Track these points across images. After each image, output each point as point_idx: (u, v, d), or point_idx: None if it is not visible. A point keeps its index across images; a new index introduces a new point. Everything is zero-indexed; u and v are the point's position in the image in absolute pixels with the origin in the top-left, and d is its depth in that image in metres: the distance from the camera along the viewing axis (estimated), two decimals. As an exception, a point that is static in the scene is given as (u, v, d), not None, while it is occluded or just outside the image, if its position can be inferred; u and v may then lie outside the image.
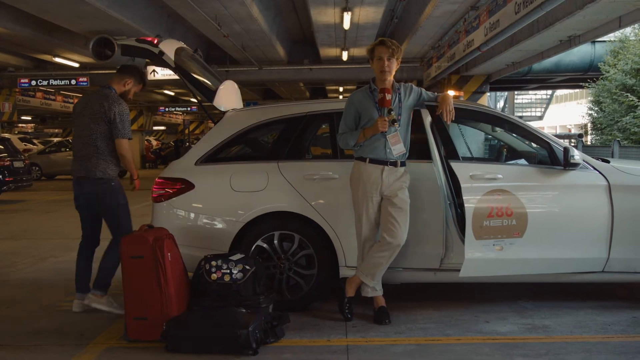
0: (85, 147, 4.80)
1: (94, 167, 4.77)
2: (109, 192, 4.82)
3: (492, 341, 4.05)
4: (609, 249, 4.51)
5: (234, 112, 5.14)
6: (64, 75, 21.07)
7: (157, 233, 4.20)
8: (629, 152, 12.23)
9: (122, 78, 5.01)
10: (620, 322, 4.39)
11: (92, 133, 4.77)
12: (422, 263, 4.61)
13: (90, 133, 4.77)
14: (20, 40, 16.49)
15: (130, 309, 4.09)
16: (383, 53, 4.40)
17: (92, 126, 4.77)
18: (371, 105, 4.42)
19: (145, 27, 13.66)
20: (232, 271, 4.17)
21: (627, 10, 9.56)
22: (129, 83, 5.03)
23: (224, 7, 12.87)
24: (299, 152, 5.03)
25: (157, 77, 18.86)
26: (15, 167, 14.02)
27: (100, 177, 4.77)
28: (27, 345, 4.11)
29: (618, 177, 4.60)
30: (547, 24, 10.55)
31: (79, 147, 4.84)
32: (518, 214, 4.42)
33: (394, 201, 4.35)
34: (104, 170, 4.78)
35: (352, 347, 3.98)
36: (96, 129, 4.77)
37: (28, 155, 19.36)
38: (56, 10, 12.31)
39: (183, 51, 5.22)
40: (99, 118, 4.76)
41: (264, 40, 16.60)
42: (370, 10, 13.87)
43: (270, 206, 4.68)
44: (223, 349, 3.84)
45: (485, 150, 13.98)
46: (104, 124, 4.76)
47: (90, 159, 4.78)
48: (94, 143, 4.77)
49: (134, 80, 5.05)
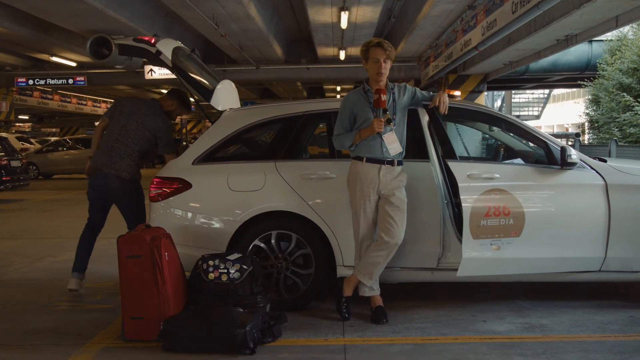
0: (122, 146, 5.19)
1: (125, 167, 5.15)
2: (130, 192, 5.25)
3: (489, 340, 4.05)
4: (606, 248, 4.52)
5: (231, 112, 5.13)
6: (61, 75, 21.07)
7: (154, 232, 4.19)
8: (626, 152, 12.25)
9: (169, 99, 5.48)
10: (617, 321, 4.39)
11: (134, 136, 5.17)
12: (420, 262, 4.61)
13: (131, 135, 5.17)
14: (18, 40, 16.48)
15: (128, 309, 4.08)
16: (380, 55, 4.39)
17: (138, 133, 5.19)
18: (366, 106, 4.42)
19: (143, 27, 13.66)
20: (230, 271, 4.16)
21: (624, 9, 9.56)
22: (172, 105, 5.46)
23: (221, 6, 12.88)
24: (297, 152, 5.04)
25: (154, 77, 18.86)
26: (12, 167, 13.98)
27: (128, 179, 5.16)
28: (23, 345, 4.10)
29: (615, 177, 4.60)
30: (544, 23, 10.56)
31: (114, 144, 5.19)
32: (515, 214, 4.42)
33: (392, 200, 4.36)
34: (132, 171, 5.19)
35: (350, 346, 3.98)
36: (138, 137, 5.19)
37: (25, 154, 19.33)
38: (53, 9, 12.29)
39: (180, 50, 5.21)
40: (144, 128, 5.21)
41: (262, 39, 16.60)
42: (367, 9, 13.89)
43: (267, 205, 4.68)
44: (220, 348, 3.83)
45: (483, 150, 13.99)
46: (148, 134, 5.21)
47: (123, 158, 5.15)
48: (132, 145, 5.18)
49: (177, 103, 5.47)
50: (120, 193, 5.21)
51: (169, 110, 5.43)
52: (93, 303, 5.12)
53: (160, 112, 5.32)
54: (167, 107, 5.42)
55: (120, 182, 5.15)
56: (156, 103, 5.40)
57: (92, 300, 5.21)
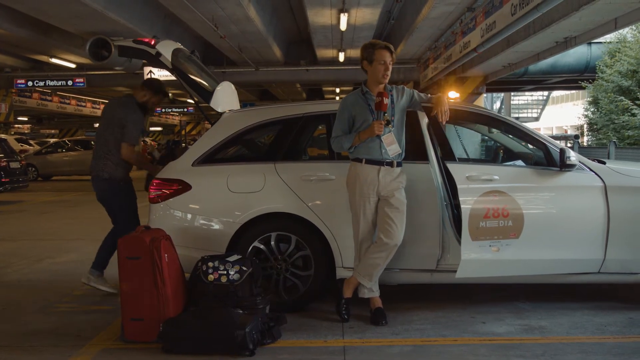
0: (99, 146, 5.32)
1: (102, 167, 5.22)
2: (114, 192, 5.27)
3: (488, 342, 4.06)
4: (605, 250, 4.52)
5: (231, 113, 5.14)
6: (61, 76, 21.07)
7: (154, 234, 4.19)
8: (625, 154, 12.26)
9: (142, 89, 5.43)
10: (616, 323, 4.40)
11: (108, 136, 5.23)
12: (419, 264, 4.61)
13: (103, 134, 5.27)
14: (17, 41, 16.48)
15: (127, 310, 4.08)
16: (387, 58, 4.42)
17: (109, 129, 5.24)
18: (365, 108, 4.43)
19: (142, 28, 13.66)
20: (229, 272, 4.16)
21: (623, 11, 9.58)
22: (145, 95, 5.40)
23: (220, 8, 12.89)
24: (296, 153, 5.04)
25: (154, 78, 18.82)
26: (11, 168, 13.96)
27: (107, 178, 5.21)
28: (23, 346, 4.10)
29: (614, 179, 4.61)
30: (543, 25, 10.57)
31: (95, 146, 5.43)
32: (514, 215, 4.43)
33: (391, 201, 4.36)
34: (110, 170, 5.21)
35: (349, 348, 3.98)
36: (110, 134, 5.23)
37: (24, 156, 19.29)
38: (52, 10, 12.29)
39: (180, 52, 5.22)
40: (114, 123, 5.23)
41: (261, 41, 16.61)
42: (367, 11, 13.90)
43: (267, 207, 4.68)
44: (220, 349, 3.84)
45: (482, 152, 14.00)
46: (117, 128, 5.20)
47: (100, 158, 5.24)
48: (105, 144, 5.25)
49: (150, 93, 5.41)
50: (102, 194, 5.32)
51: (143, 101, 5.41)
52: (92, 304, 5.11)
53: (129, 104, 5.35)
54: (141, 99, 5.41)
55: (100, 183, 5.27)
56: (129, 97, 5.45)
57: (92, 301, 5.20)
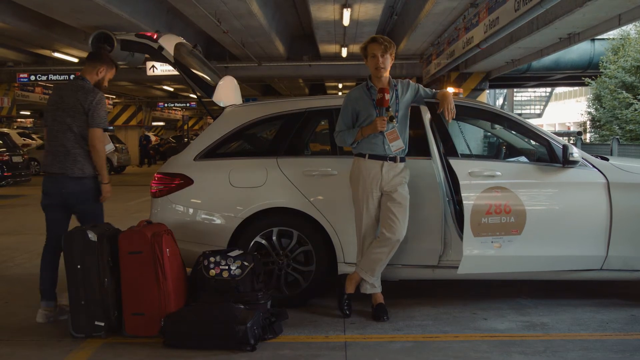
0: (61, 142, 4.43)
1: (71, 165, 4.40)
2: (90, 190, 4.48)
3: (490, 338, 4.05)
4: (607, 247, 4.51)
5: (233, 108, 5.13)
6: (63, 70, 21.03)
7: (155, 229, 4.19)
8: (628, 150, 12.24)
9: (94, 67, 4.61)
10: (618, 320, 4.39)
11: (70, 128, 4.40)
12: (421, 260, 4.61)
13: (67, 128, 4.40)
14: (19, 35, 16.45)
15: (128, 305, 4.08)
16: (376, 50, 4.40)
17: (68, 120, 4.40)
18: (369, 103, 4.42)
19: (145, 23, 13.63)
20: (231, 267, 4.16)
21: (626, 8, 9.54)
22: (102, 71, 4.62)
23: (223, 2, 12.85)
24: (299, 148, 5.04)
25: (156, 73, 18.82)
26: (14, 162, 13.99)
27: (79, 176, 4.41)
28: (24, 341, 4.10)
29: (617, 175, 4.60)
30: (546, 21, 10.53)
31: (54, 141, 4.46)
32: (516, 211, 4.42)
33: (394, 197, 4.35)
34: (81, 168, 4.42)
35: (350, 343, 3.98)
36: (73, 123, 4.40)
37: (27, 150, 19.30)
38: (55, 5, 12.27)
39: (182, 46, 5.20)
40: (76, 111, 4.41)
41: (264, 36, 16.57)
42: (369, 6, 13.85)
43: (269, 202, 4.68)
44: (221, 344, 3.84)
45: (484, 148, 13.97)
46: (81, 116, 4.39)
47: (68, 155, 4.41)
48: (72, 138, 4.41)
49: (105, 66, 4.65)
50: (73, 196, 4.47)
51: (98, 80, 4.61)
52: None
53: (86, 87, 4.50)
54: (98, 76, 4.61)
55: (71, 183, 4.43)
56: (82, 80, 4.56)
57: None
